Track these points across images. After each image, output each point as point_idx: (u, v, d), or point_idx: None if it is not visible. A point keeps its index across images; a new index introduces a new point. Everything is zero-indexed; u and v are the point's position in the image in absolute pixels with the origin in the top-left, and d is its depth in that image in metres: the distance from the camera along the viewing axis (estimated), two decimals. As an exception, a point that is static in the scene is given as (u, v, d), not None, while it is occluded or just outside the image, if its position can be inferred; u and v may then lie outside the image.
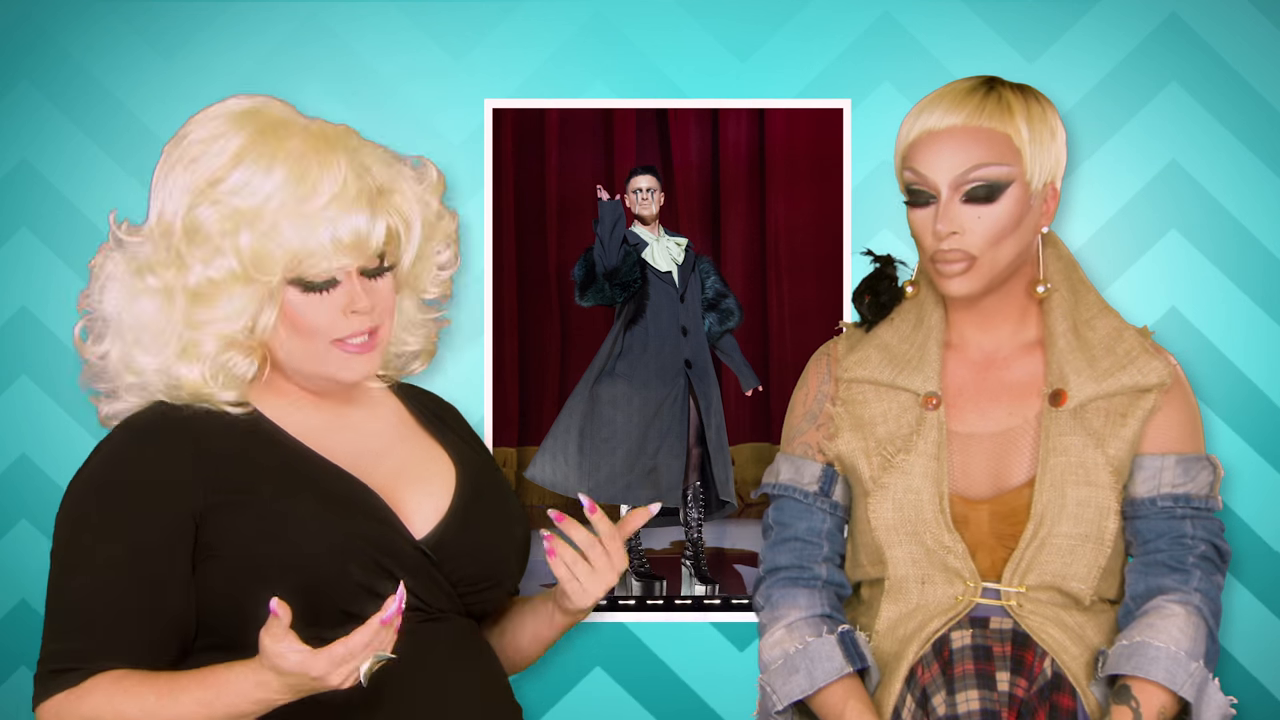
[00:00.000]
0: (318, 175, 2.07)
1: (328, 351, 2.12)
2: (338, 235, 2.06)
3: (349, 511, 2.09)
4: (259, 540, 2.04)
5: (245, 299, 2.08)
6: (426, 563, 2.12)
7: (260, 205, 2.05)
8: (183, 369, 2.11)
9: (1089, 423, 2.36)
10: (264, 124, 2.11)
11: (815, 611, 2.40)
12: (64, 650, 2.02)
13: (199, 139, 2.11)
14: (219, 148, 2.09)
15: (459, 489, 2.21)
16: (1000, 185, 2.31)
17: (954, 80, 2.40)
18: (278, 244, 2.05)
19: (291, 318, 2.10)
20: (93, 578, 2.02)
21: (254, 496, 2.06)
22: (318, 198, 2.06)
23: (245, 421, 2.14)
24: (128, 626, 2.02)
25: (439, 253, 2.28)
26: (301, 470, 2.11)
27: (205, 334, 2.10)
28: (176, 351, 2.11)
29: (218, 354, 2.11)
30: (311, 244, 2.06)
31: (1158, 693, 2.28)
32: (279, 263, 2.06)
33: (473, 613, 2.20)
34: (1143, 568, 2.38)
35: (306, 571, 2.03)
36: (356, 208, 2.07)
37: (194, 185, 2.09)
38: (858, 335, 2.50)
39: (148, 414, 2.13)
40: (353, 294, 2.10)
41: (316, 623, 2.01)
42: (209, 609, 2.06)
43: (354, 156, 2.12)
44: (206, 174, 2.09)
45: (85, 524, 2.05)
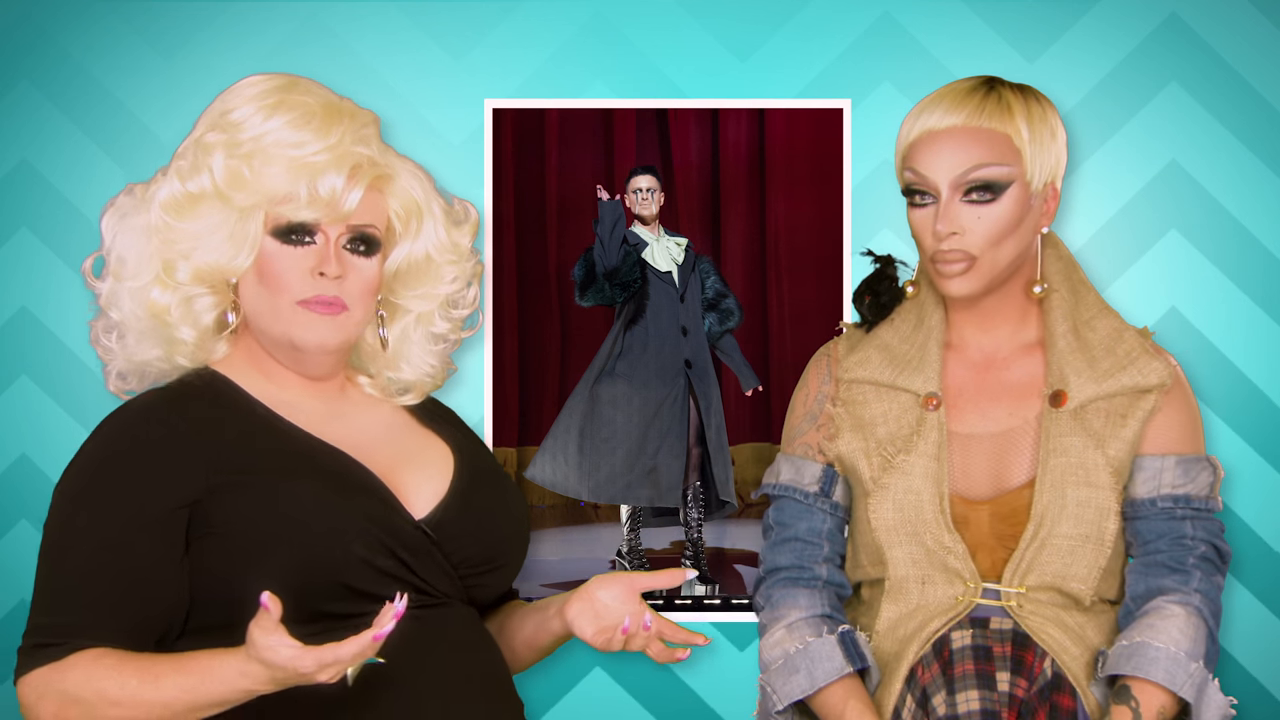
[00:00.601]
0: (316, 129, 2.12)
1: (292, 312, 2.14)
2: (313, 186, 2.11)
3: (349, 492, 2.10)
4: (260, 519, 2.04)
5: (216, 222, 2.12)
6: (427, 542, 2.13)
7: (252, 138, 2.12)
8: (154, 291, 2.15)
9: (1089, 423, 2.36)
10: (293, 80, 2.19)
11: (815, 611, 2.40)
12: (50, 625, 2.02)
13: (234, 88, 2.19)
14: (247, 91, 2.17)
15: (457, 472, 2.22)
16: (1000, 185, 2.31)
17: (954, 80, 2.40)
18: (253, 172, 2.10)
19: (263, 267, 2.13)
20: (85, 555, 2.02)
21: (255, 477, 2.07)
22: (306, 147, 2.11)
23: (242, 406, 2.15)
24: (117, 605, 2.02)
25: (454, 280, 2.29)
26: (302, 453, 2.12)
27: (178, 256, 2.14)
28: (153, 275, 2.15)
29: (189, 284, 2.14)
30: (287, 187, 2.11)
31: (1157, 693, 2.28)
32: (249, 189, 2.11)
33: (474, 599, 2.20)
34: (1143, 568, 2.38)
35: (308, 549, 2.03)
36: (338, 168, 2.12)
37: (210, 116, 2.17)
38: (858, 336, 2.50)
39: (146, 396, 2.15)
40: (324, 255, 2.13)
41: (316, 598, 2.02)
42: (203, 589, 2.06)
43: (359, 131, 2.17)
44: (223, 108, 2.16)
45: (80, 501, 2.05)
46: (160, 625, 2.05)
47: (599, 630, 2.19)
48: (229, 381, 2.17)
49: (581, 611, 2.21)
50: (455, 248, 2.28)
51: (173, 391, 2.15)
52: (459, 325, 2.34)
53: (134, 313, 2.17)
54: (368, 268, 2.16)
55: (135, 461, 2.06)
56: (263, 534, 2.04)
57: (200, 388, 2.16)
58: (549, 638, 2.27)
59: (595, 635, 2.19)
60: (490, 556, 2.20)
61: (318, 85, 2.21)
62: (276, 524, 2.04)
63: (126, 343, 2.20)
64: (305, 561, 2.03)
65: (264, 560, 2.02)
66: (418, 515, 2.15)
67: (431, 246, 2.25)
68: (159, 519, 2.04)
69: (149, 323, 2.16)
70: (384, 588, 2.06)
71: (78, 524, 2.04)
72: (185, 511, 2.05)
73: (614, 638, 2.18)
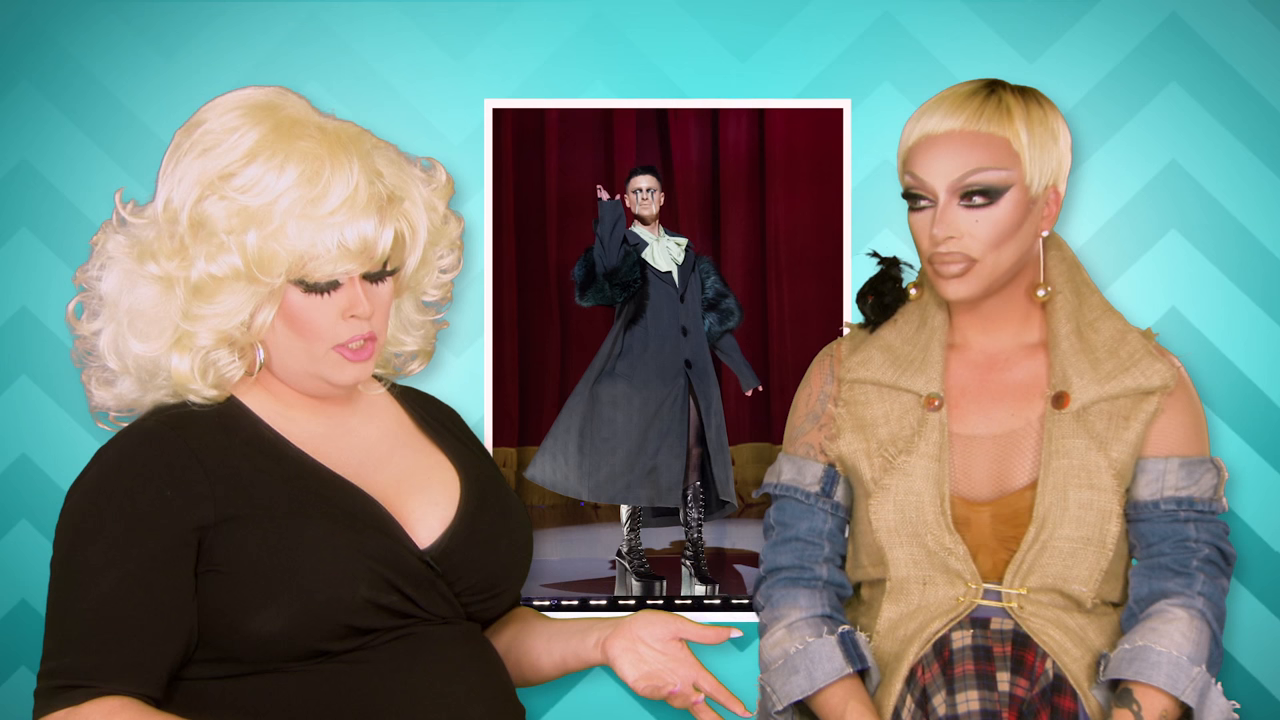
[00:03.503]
0: (330, 178, 2.03)
1: (325, 355, 2.10)
2: (344, 241, 2.04)
3: (357, 528, 2.07)
4: (268, 558, 2.01)
5: (246, 296, 2.06)
6: (431, 574, 2.11)
7: (269, 205, 2.02)
8: (174, 359, 2.08)
9: (1091, 425, 2.36)
10: (280, 120, 2.08)
11: (816, 612, 2.40)
12: (66, 666, 1.98)
13: (213, 129, 2.08)
14: (233, 141, 2.06)
15: (463, 498, 2.19)
16: (998, 190, 2.31)
17: (957, 83, 2.40)
18: (283, 246, 2.02)
19: (290, 317, 2.08)
20: (101, 594, 1.99)
21: (264, 513, 2.03)
22: (328, 201, 2.03)
23: (246, 429, 2.11)
24: (133, 644, 1.99)
25: (442, 256, 2.25)
26: (311, 487, 2.08)
27: (201, 327, 2.07)
28: (170, 341, 2.09)
29: (210, 349, 2.09)
30: (318, 248, 2.03)
31: (1159, 697, 2.27)
32: (283, 264, 2.04)
33: (474, 619, 2.19)
34: (1146, 571, 2.38)
35: (314, 590, 2.01)
36: (366, 214, 2.05)
37: (204, 177, 2.06)
38: (861, 336, 2.50)
39: (148, 421, 2.10)
40: (354, 298, 2.08)
41: (316, 637, 2.01)
42: (206, 623, 2.03)
43: (367, 161, 2.08)
44: (218, 167, 2.05)
45: (91, 537, 2.01)
46: (176, 660, 2.02)
47: (642, 676, 2.16)
48: (234, 400, 2.14)
49: (625, 651, 2.18)
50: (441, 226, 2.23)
51: (175, 414, 2.10)
52: (449, 289, 2.31)
53: (145, 369, 2.11)
54: (386, 291, 2.12)
55: (146, 493, 2.02)
56: (268, 575, 2.01)
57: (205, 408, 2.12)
58: (581, 664, 2.24)
59: (638, 680, 2.16)
60: (492, 584, 2.18)
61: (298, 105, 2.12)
62: (283, 566, 2.01)
63: (121, 389, 2.14)
64: (310, 604, 2.01)
65: (269, 601, 2.00)
66: (422, 544, 2.12)
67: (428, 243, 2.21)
68: (173, 552, 2.01)
69: (163, 379, 2.11)
70: (383, 621, 2.05)
71: (91, 560, 2.00)
72: (196, 539, 2.03)
73: (660, 690, 2.16)
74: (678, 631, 2.17)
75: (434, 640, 2.10)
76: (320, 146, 2.05)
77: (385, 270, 2.11)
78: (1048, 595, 2.35)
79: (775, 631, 2.41)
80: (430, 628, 2.10)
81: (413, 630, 2.07)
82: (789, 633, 2.39)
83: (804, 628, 2.38)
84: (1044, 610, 2.35)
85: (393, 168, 2.13)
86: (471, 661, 2.13)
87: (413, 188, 2.16)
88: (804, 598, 2.42)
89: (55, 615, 2.02)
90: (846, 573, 2.47)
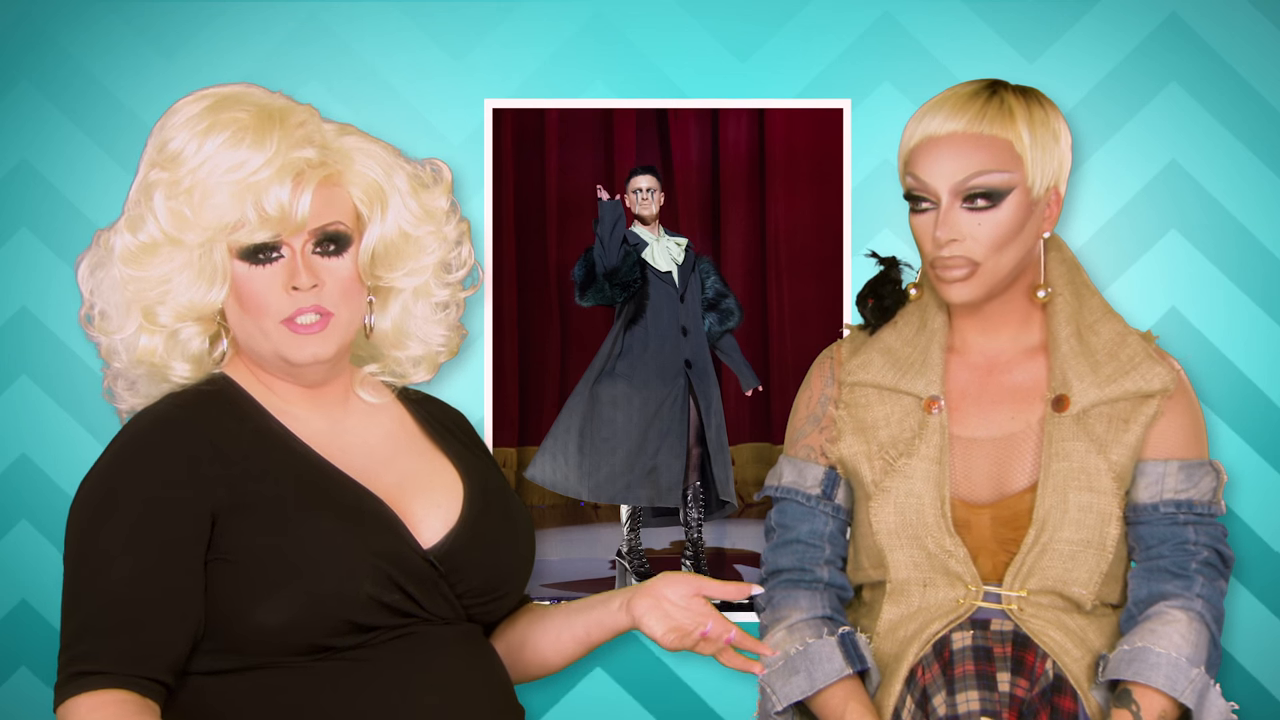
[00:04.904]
0: (251, 144, 2.07)
1: (278, 332, 2.11)
2: (260, 205, 2.07)
3: (363, 525, 2.07)
4: (275, 549, 2.02)
5: (178, 264, 2.09)
6: (434, 573, 2.11)
7: (190, 171, 2.08)
8: (143, 339, 2.13)
9: (1091, 428, 2.36)
10: (225, 95, 2.13)
11: (816, 613, 2.40)
12: (86, 653, 1.99)
13: (171, 112, 2.14)
14: (179, 118, 2.12)
15: (467, 501, 2.19)
16: (1000, 192, 2.31)
17: (957, 83, 2.39)
18: (195, 208, 2.07)
19: (239, 291, 2.11)
20: (115, 579, 1.99)
21: (273, 504, 2.04)
22: (245, 167, 2.06)
23: (255, 420, 2.13)
24: (153, 627, 2.00)
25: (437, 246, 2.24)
26: (318, 482, 2.09)
27: (154, 302, 2.11)
28: (136, 325, 2.13)
29: (174, 327, 2.12)
30: (236, 213, 2.07)
31: (1158, 698, 2.28)
32: (195, 226, 2.07)
33: (474, 621, 2.20)
34: (1145, 573, 2.38)
35: (319, 583, 2.02)
36: (280, 180, 2.07)
37: (151, 150, 2.13)
38: (861, 338, 2.49)
39: (159, 409, 2.12)
40: (293, 268, 2.09)
41: (317, 632, 2.02)
42: (209, 613, 2.04)
43: (294, 131, 2.10)
44: (160, 138, 2.12)
45: (105, 525, 2.02)
46: (190, 641, 2.03)
47: (670, 629, 2.19)
48: (241, 390, 2.15)
49: (650, 609, 2.21)
50: (430, 215, 2.22)
51: (189, 399, 2.12)
52: (459, 287, 2.30)
53: (132, 360, 2.15)
54: (341, 266, 2.12)
55: (157, 480, 2.03)
56: (274, 566, 2.02)
57: (215, 394, 2.13)
58: (606, 633, 2.26)
59: (666, 634, 2.19)
60: (494, 587, 2.19)
61: (253, 92, 2.16)
62: (289, 558, 2.02)
63: (137, 389, 2.18)
64: (314, 598, 2.01)
65: (273, 592, 2.01)
66: (426, 544, 2.12)
67: (404, 222, 2.19)
68: (189, 535, 2.02)
69: (145, 367, 2.15)
70: (385, 619, 2.06)
71: (107, 545, 2.01)
72: (207, 529, 2.03)
73: (688, 638, 2.19)
74: (699, 588, 2.21)
75: (434, 640, 2.10)
76: (250, 117, 2.09)
77: (331, 239, 2.11)
78: (1048, 597, 2.36)
79: (776, 633, 2.41)
80: (431, 628, 2.11)
81: (413, 630, 2.08)
82: (789, 634, 2.39)
83: (804, 629, 2.39)
84: (1044, 612, 2.35)
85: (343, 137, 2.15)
86: (471, 662, 2.14)
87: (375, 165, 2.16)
88: (805, 599, 2.42)
89: (71, 600, 2.02)
90: (847, 575, 2.47)
